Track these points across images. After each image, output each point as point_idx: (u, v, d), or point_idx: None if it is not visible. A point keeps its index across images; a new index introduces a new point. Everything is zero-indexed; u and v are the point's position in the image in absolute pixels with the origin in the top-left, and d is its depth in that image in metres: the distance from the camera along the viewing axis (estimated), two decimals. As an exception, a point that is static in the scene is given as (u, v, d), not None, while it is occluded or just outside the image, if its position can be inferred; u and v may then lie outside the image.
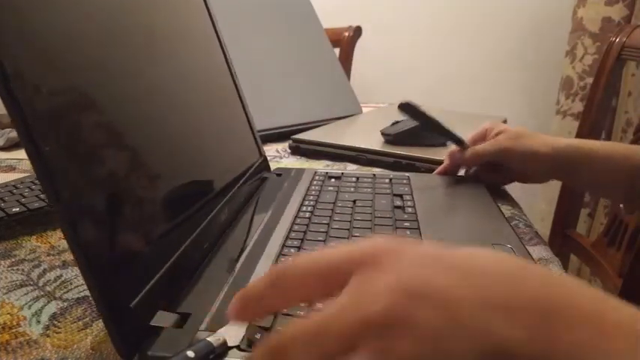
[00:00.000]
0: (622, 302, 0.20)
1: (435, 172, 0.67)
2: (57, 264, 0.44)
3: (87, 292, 0.39)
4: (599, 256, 0.92)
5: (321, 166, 0.76)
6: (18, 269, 0.43)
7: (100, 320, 0.36)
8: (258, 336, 0.31)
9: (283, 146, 0.86)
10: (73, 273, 0.43)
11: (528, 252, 0.44)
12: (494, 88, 1.82)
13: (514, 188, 0.66)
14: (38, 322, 0.36)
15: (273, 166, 0.68)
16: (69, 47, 0.31)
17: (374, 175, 0.64)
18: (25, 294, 0.39)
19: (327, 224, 0.49)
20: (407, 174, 0.64)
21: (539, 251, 0.50)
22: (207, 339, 0.29)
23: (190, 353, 0.28)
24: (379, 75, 1.81)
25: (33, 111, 0.26)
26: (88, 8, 0.34)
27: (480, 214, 0.53)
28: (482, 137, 0.64)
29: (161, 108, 0.42)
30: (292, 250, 0.44)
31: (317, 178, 0.62)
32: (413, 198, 0.56)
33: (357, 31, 1.56)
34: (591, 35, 1.47)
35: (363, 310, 0.20)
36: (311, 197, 0.56)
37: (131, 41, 0.40)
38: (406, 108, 0.63)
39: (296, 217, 0.50)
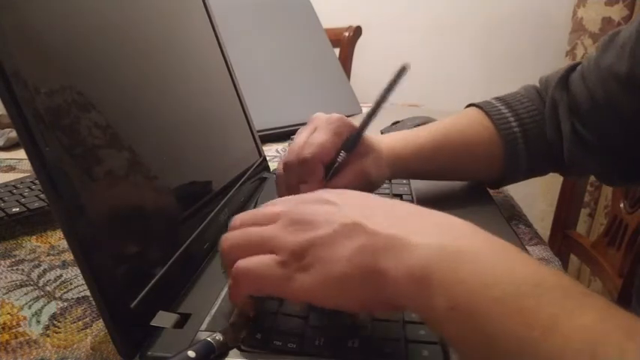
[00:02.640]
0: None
1: None
2: (57, 264, 0.44)
3: (87, 292, 0.39)
4: (599, 256, 0.92)
5: (321, 166, 0.76)
6: (18, 269, 0.43)
7: (100, 320, 0.36)
8: (259, 336, 0.31)
9: (283, 146, 0.86)
10: (73, 273, 0.43)
11: (528, 252, 0.44)
12: (494, 88, 1.81)
13: (514, 188, 0.66)
14: (38, 322, 0.36)
15: (272, 166, 0.68)
16: (69, 47, 0.31)
17: (374, 175, 0.64)
18: (25, 294, 0.39)
19: (327, 224, 0.49)
20: (407, 174, 0.64)
21: (539, 251, 0.50)
22: (208, 339, 0.29)
23: (191, 353, 0.28)
24: (379, 75, 1.81)
25: (33, 111, 0.26)
26: (88, 9, 0.34)
27: (480, 214, 0.53)
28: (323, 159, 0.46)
29: (160, 108, 0.42)
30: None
31: (317, 178, 0.62)
32: (413, 198, 0.56)
33: (357, 31, 1.56)
34: (591, 35, 1.47)
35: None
36: (311, 197, 0.55)
37: (130, 42, 0.40)
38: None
39: (296, 217, 0.50)
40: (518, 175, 0.58)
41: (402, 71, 0.44)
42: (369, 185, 0.49)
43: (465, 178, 0.60)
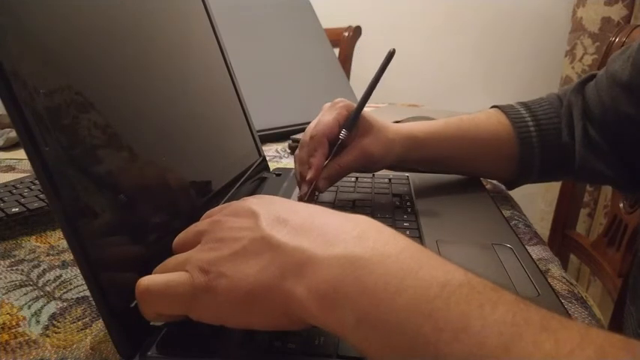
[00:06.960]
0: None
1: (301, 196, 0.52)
2: (57, 264, 0.44)
3: (87, 292, 0.39)
4: (599, 256, 0.92)
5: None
6: (18, 269, 0.43)
7: (100, 320, 0.36)
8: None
9: (283, 146, 0.86)
10: (73, 273, 0.43)
11: (528, 252, 0.44)
12: (493, 88, 1.82)
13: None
14: (38, 322, 0.36)
15: (272, 166, 0.68)
16: (69, 48, 0.31)
17: (373, 175, 0.64)
18: (25, 294, 0.39)
19: (327, 224, 0.49)
20: (406, 174, 0.64)
21: (538, 251, 0.50)
22: (207, 339, 0.29)
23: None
24: (379, 75, 1.81)
25: (33, 111, 0.26)
26: (88, 9, 0.34)
27: (480, 214, 0.53)
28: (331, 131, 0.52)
29: (160, 108, 0.42)
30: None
31: (317, 178, 0.62)
32: (413, 198, 0.56)
33: (357, 31, 1.56)
34: (591, 35, 1.47)
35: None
36: (311, 197, 0.55)
37: (131, 42, 0.40)
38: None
39: (296, 217, 0.50)
40: (532, 175, 0.60)
41: (390, 55, 0.52)
42: (371, 162, 0.54)
43: (479, 172, 0.63)
